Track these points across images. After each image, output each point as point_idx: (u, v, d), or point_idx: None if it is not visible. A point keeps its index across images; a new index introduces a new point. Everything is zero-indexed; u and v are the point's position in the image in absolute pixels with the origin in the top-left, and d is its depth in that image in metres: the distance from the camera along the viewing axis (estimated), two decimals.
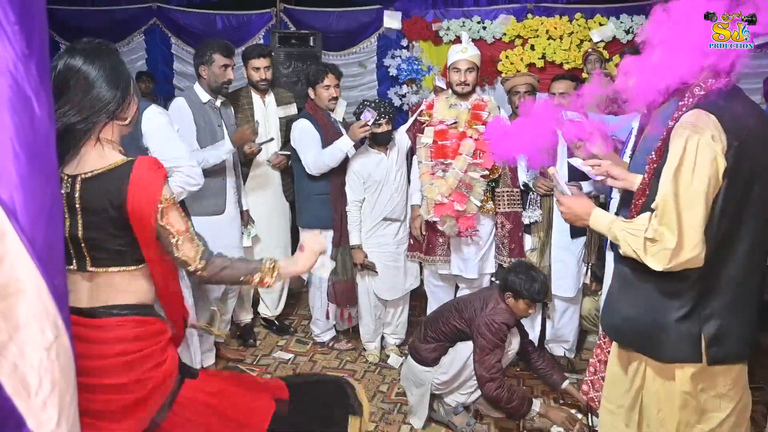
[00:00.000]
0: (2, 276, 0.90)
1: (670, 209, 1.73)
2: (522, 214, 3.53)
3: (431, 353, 3.08)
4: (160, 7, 6.65)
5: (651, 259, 1.78)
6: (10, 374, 0.92)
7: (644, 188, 1.98)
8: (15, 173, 0.89)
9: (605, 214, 1.99)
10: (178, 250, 1.67)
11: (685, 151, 1.73)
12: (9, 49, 0.88)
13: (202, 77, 3.50)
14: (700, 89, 1.85)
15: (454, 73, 3.44)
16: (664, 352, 1.89)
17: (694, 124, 1.75)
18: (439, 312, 3.24)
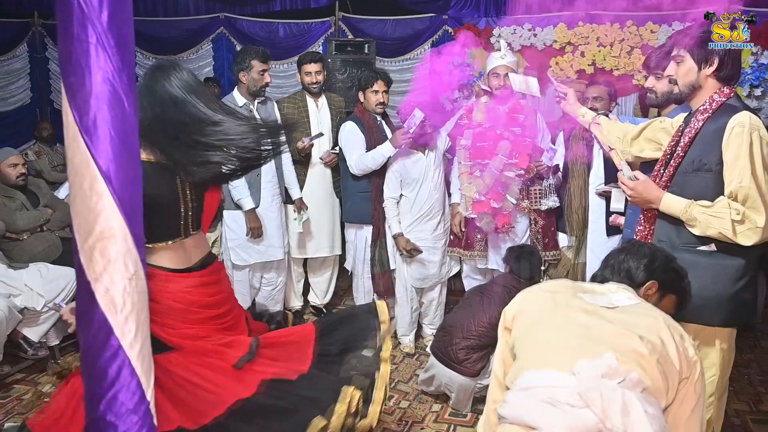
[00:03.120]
0: (100, 224, 1.25)
1: (754, 194, 2.07)
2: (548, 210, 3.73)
3: (476, 363, 3.23)
4: (227, 16, 7.11)
5: (741, 237, 2.09)
6: (103, 295, 1.26)
7: (668, 181, 2.24)
8: (110, 151, 1.24)
9: (677, 198, 2.23)
10: None
11: (752, 145, 2.07)
12: (109, 64, 1.23)
13: (242, 82, 3.85)
14: (719, 95, 2.16)
15: (493, 78, 3.67)
16: (723, 319, 2.18)
17: (750, 123, 2.09)
18: (465, 315, 3.35)
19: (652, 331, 1.58)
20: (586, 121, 2.73)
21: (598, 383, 1.38)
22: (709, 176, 2.17)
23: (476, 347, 3.25)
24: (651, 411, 1.36)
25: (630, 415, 1.33)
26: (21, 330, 3.58)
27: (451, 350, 3.28)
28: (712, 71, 2.18)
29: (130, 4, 1.26)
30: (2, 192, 3.85)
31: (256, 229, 3.86)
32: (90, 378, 1.30)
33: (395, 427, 3.24)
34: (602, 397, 1.35)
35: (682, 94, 2.25)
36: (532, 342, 1.64)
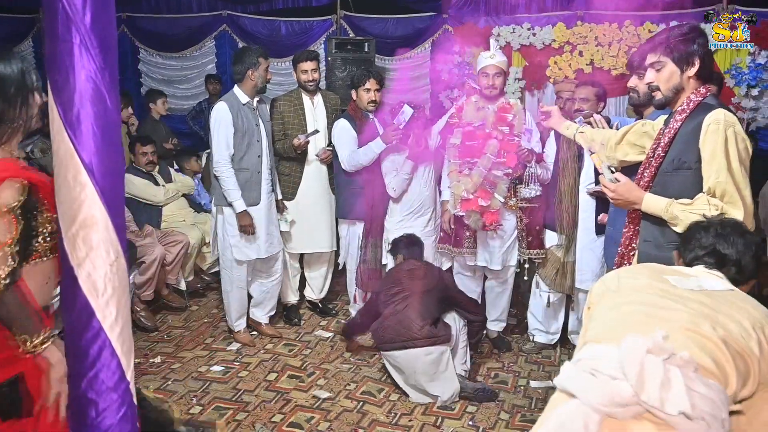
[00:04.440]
0: (83, 213, 1.33)
1: (731, 189, 2.14)
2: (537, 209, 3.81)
3: (441, 331, 3.41)
4: (230, 14, 7.19)
5: None
6: (85, 280, 1.34)
7: (649, 180, 2.30)
8: (93, 145, 1.32)
9: (658, 198, 2.29)
10: None
11: (727, 141, 2.14)
12: (92, 63, 1.31)
13: (249, 79, 3.91)
14: (696, 95, 2.22)
15: (482, 77, 3.74)
16: None
17: (725, 120, 2.15)
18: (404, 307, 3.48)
19: (733, 318, 1.53)
20: (570, 133, 2.85)
21: (641, 356, 1.39)
22: (689, 174, 2.23)
23: (430, 323, 3.40)
24: (701, 390, 1.35)
25: (670, 389, 1.34)
26: None
27: (415, 333, 3.37)
28: (694, 72, 2.23)
29: (113, 6, 1.34)
30: None
31: (247, 227, 3.94)
32: (73, 357, 1.39)
33: (384, 418, 3.32)
34: (642, 369, 1.36)
35: (666, 98, 2.29)
36: (600, 320, 1.65)
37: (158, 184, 4.97)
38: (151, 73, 7.54)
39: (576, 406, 1.40)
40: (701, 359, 1.42)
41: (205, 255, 5.12)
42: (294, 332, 4.41)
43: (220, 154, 3.85)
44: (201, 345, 4.20)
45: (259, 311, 4.32)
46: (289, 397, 3.51)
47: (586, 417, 1.36)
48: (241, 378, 3.73)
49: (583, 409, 1.38)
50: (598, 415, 1.36)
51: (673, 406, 1.32)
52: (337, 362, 3.95)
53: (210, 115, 3.99)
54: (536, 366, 3.95)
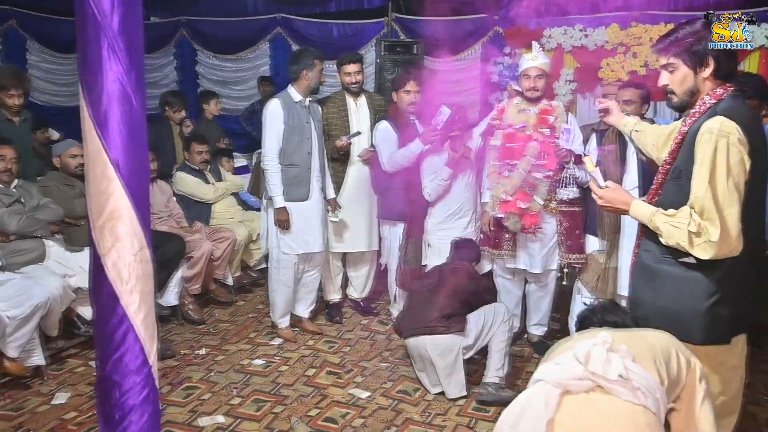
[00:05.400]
0: (110, 206, 1.42)
1: (710, 206, 1.97)
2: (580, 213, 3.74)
3: (456, 324, 3.46)
4: (284, 17, 7.34)
5: (697, 249, 2.00)
6: (111, 268, 1.44)
7: (657, 189, 2.21)
8: (120, 142, 1.42)
9: (645, 205, 2.19)
10: None
11: (716, 154, 1.97)
12: (119, 65, 1.41)
13: (302, 80, 4.03)
14: (710, 98, 2.07)
15: (524, 79, 3.72)
16: (698, 335, 2.10)
17: (719, 129, 1.98)
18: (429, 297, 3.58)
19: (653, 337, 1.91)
20: (627, 130, 2.66)
21: (589, 346, 1.73)
22: (686, 184, 2.07)
23: (447, 316, 3.45)
24: (637, 371, 1.68)
25: (611, 364, 1.67)
26: (75, 308, 3.86)
27: (430, 322, 3.46)
28: (709, 72, 2.07)
29: (140, 10, 1.43)
30: (63, 180, 4.16)
31: (283, 222, 4.03)
32: (100, 341, 1.48)
33: (418, 417, 3.34)
34: (589, 353, 1.71)
35: (681, 102, 2.16)
36: None
37: (209, 182, 5.14)
38: (208, 75, 7.77)
39: (539, 386, 1.71)
40: (633, 350, 1.75)
41: (252, 252, 5.26)
42: (335, 330, 4.48)
43: (269, 148, 4.00)
44: (245, 339, 4.31)
45: (300, 306, 4.40)
46: (326, 393, 3.57)
47: (547, 393, 1.67)
48: (281, 372, 3.82)
49: (544, 387, 1.69)
50: (557, 390, 1.66)
51: (613, 373, 1.65)
52: (375, 360, 4.00)
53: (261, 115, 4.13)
54: None
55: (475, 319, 3.50)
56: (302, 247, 4.13)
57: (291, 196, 4.04)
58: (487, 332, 3.48)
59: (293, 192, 4.03)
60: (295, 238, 4.11)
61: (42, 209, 3.88)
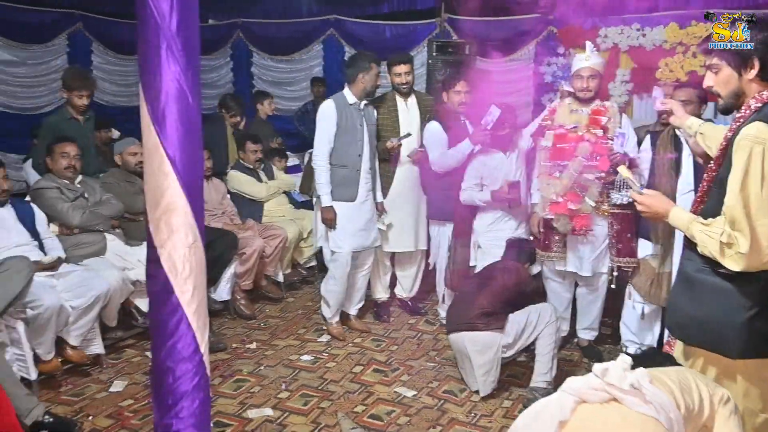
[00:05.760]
0: (166, 199, 1.49)
1: (740, 216, 1.89)
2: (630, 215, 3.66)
3: (497, 322, 3.46)
4: (337, 18, 7.44)
5: (728, 260, 1.94)
6: (167, 259, 1.51)
7: (702, 195, 2.15)
8: (176, 138, 1.48)
9: (684, 212, 2.13)
10: None
11: (750, 161, 1.89)
12: (177, 65, 1.48)
13: (358, 82, 4.08)
14: (756, 101, 2.00)
15: (577, 79, 3.67)
16: (736, 349, 2.03)
17: (756, 135, 1.90)
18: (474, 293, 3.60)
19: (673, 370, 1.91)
20: (692, 131, 2.55)
21: (609, 364, 1.76)
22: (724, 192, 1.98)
23: (488, 313, 3.46)
24: (653, 390, 1.69)
25: (626, 378, 1.70)
26: (133, 300, 4.00)
27: (471, 319, 3.48)
28: (754, 74, 1.97)
29: (197, 12, 1.50)
30: (123, 177, 4.32)
31: (328, 220, 4.09)
32: (155, 329, 1.55)
33: (463, 418, 3.34)
34: (608, 368, 1.74)
35: (727, 104, 2.08)
36: None
37: (261, 180, 5.25)
38: (263, 76, 7.94)
39: (556, 394, 1.78)
40: (650, 374, 1.75)
41: (303, 249, 5.35)
42: (382, 328, 4.52)
43: (320, 148, 4.07)
44: (294, 335, 4.39)
45: (348, 303, 4.45)
46: (372, 390, 3.61)
47: (562, 400, 1.73)
48: (329, 368, 3.87)
49: (561, 395, 1.76)
50: (572, 398, 1.72)
51: (626, 384, 1.68)
52: (421, 360, 4.01)
53: (314, 116, 4.20)
54: None
55: (518, 318, 3.47)
56: (349, 245, 4.18)
57: (339, 196, 4.09)
58: (530, 332, 3.45)
59: (341, 192, 4.09)
60: (342, 236, 4.16)
61: (103, 204, 4.04)
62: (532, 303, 3.58)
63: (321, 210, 4.12)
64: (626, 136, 3.57)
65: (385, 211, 4.38)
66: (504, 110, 3.80)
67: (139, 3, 1.42)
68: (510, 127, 3.85)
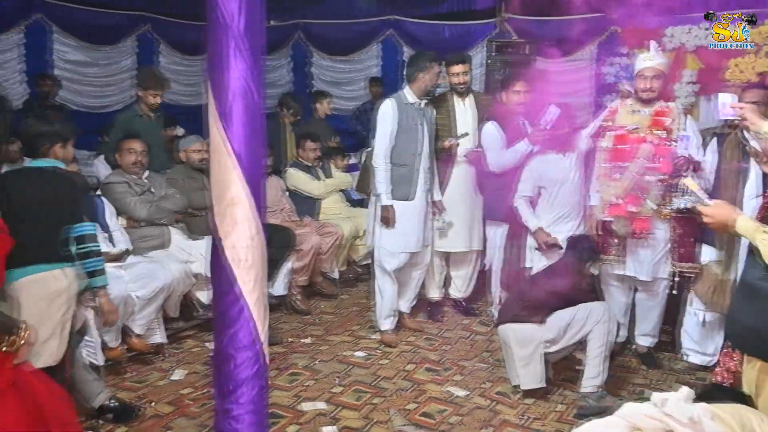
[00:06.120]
0: (231, 193, 1.56)
1: None
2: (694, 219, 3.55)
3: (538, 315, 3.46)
4: (396, 19, 7.47)
5: None
6: (230, 249, 1.57)
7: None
8: (242, 134, 1.54)
9: (751, 221, 2.08)
10: None
11: None
12: (243, 64, 1.54)
13: (417, 81, 4.10)
14: None
15: (639, 80, 3.59)
16: None
17: None
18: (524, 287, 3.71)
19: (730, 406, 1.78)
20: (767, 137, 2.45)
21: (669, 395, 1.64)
22: None
23: (532, 306, 3.47)
24: (708, 423, 1.59)
25: (686, 411, 1.58)
26: (194, 293, 4.15)
27: (516, 309, 3.53)
28: None
29: (262, 14, 1.55)
30: (187, 173, 4.48)
31: (388, 219, 4.10)
32: (217, 317, 1.63)
33: (515, 420, 3.32)
34: (668, 399, 1.61)
35: None
36: None
37: (318, 178, 5.34)
38: (321, 76, 8.05)
39: (612, 418, 1.67)
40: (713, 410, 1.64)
41: (357, 247, 5.41)
42: (435, 328, 4.53)
43: (379, 147, 4.09)
44: (348, 331, 4.45)
45: (401, 301, 4.45)
46: (424, 389, 3.62)
47: (615, 423, 1.63)
48: (381, 365, 3.91)
49: (616, 420, 1.65)
50: (624, 423, 1.61)
51: (686, 416, 1.55)
52: (474, 360, 4.00)
53: (371, 115, 4.23)
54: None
55: (563, 314, 3.43)
56: (402, 245, 4.20)
57: (395, 195, 4.11)
58: (577, 331, 3.40)
59: (398, 191, 4.10)
60: (396, 236, 4.17)
61: (168, 199, 4.20)
62: (584, 301, 3.51)
63: (381, 209, 4.12)
64: (690, 139, 3.48)
65: (444, 209, 4.37)
66: (563, 111, 3.75)
67: (209, 5, 1.49)
68: (568, 128, 3.80)
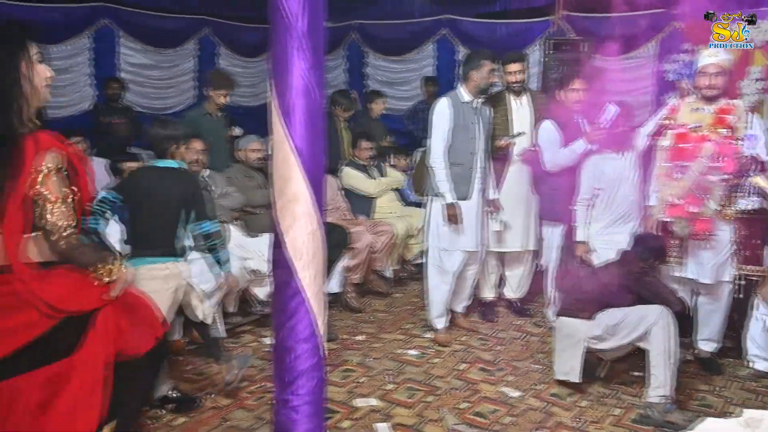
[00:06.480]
0: (292, 188, 1.60)
1: None
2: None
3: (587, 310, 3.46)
4: (450, 18, 7.46)
5: None
6: (290, 244, 1.62)
7: None
8: (304, 130, 1.59)
9: None
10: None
11: None
12: (304, 63, 1.58)
13: (471, 80, 4.09)
14: None
15: (701, 77, 3.48)
16: None
17: None
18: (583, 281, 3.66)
19: None
20: None
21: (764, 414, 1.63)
22: None
23: (582, 300, 3.49)
24: None
25: None
26: (251, 289, 4.24)
27: (567, 303, 3.61)
28: None
29: (323, 15, 1.59)
30: (244, 172, 4.59)
31: (452, 217, 4.08)
32: (276, 310, 1.67)
33: (570, 422, 3.27)
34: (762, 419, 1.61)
35: None
36: None
37: (372, 177, 5.39)
38: (375, 76, 8.11)
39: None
40: None
41: (411, 246, 5.43)
42: (488, 328, 4.51)
43: (436, 146, 4.09)
44: (400, 329, 4.48)
45: (455, 301, 4.44)
46: (477, 388, 3.61)
47: None
48: (434, 364, 3.92)
49: None
50: None
51: None
52: (528, 361, 3.96)
53: (425, 115, 4.25)
54: (753, 395, 3.59)
55: (615, 313, 3.38)
56: (458, 245, 4.19)
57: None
58: (628, 332, 3.33)
59: (454, 190, 4.08)
60: (452, 235, 4.17)
61: (226, 197, 4.31)
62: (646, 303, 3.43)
63: (445, 208, 4.08)
64: (757, 138, 3.36)
65: (501, 208, 4.34)
66: (621, 109, 3.68)
67: (272, 6, 1.54)
68: (626, 127, 3.72)
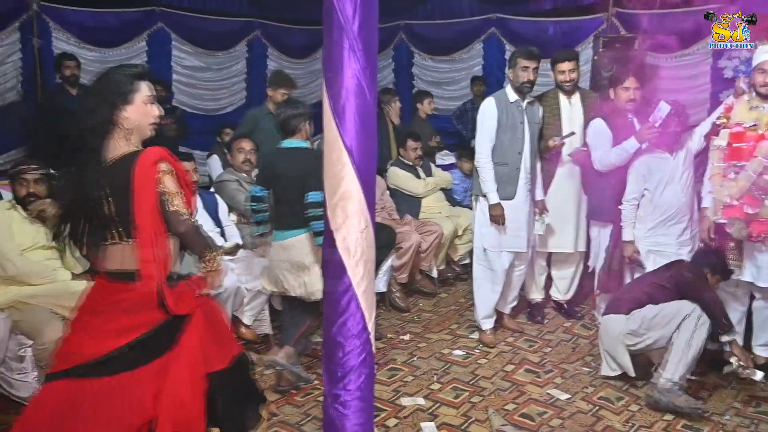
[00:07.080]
0: (342, 187, 1.64)
1: None
2: None
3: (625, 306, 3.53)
4: (499, 17, 7.42)
5: None
6: (341, 241, 1.66)
7: None
8: (354, 131, 1.62)
9: None
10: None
11: None
12: (357, 63, 1.61)
13: (509, 78, 4.09)
14: None
15: (758, 74, 3.37)
16: None
17: None
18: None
19: None
20: None
21: None
22: None
23: (626, 299, 3.56)
24: None
25: None
26: None
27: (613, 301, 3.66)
28: None
29: (376, 16, 1.62)
30: None
31: (498, 218, 4.05)
32: (328, 306, 1.71)
33: (620, 426, 3.23)
34: None
35: None
36: None
37: (420, 177, 5.39)
38: (423, 76, 8.12)
39: None
40: None
41: (457, 246, 5.41)
42: (536, 329, 4.47)
43: (482, 146, 4.08)
44: (446, 329, 4.48)
45: (502, 302, 4.40)
46: (524, 390, 3.59)
47: None
48: (480, 365, 3.91)
49: None
50: None
51: None
52: (577, 364, 3.92)
53: (474, 115, 4.25)
54: None
55: (652, 309, 3.41)
56: (505, 245, 4.16)
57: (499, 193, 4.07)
58: (664, 325, 3.35)
59: (500, 190, 4.05)
60: (499, 236, 4.14)
61: None
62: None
63: (489, 208, 4.06)
64: None
65: (546, 210, 4.29)
66: (673, 107, 3.59)
67: (326, 7, 1.58)
68: (679, 126, 3.64)
